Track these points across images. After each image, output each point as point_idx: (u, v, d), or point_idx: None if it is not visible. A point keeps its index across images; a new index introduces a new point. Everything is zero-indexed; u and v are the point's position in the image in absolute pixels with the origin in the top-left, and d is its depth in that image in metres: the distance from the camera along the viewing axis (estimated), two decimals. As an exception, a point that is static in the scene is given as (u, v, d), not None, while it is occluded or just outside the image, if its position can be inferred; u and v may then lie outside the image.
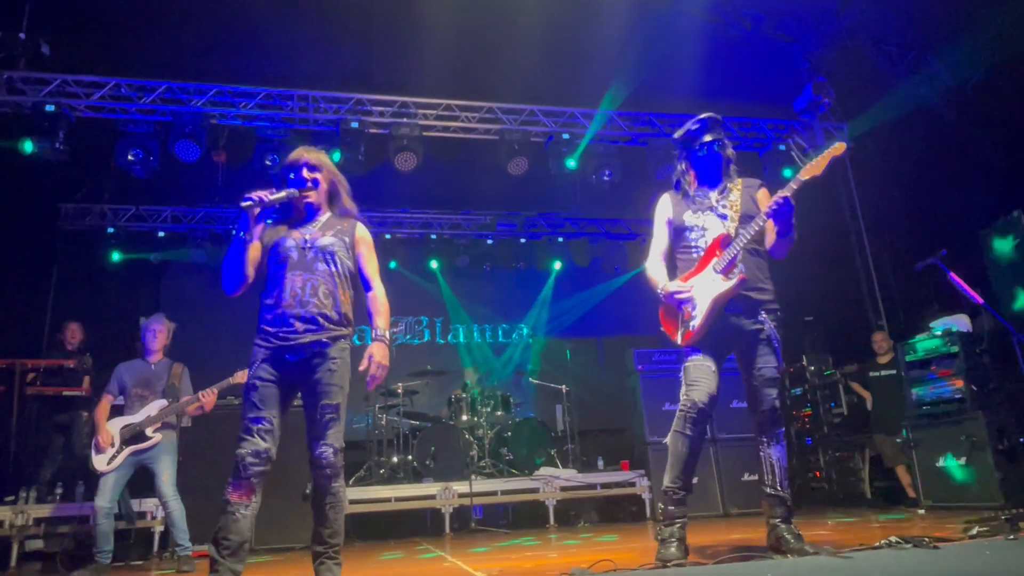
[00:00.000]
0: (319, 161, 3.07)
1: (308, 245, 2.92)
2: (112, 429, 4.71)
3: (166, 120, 7.13)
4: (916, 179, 7.07)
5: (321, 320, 2.80)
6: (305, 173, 3.02)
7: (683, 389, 3.13)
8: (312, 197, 3.00)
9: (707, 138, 3.29)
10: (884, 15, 7.26)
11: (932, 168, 7.21)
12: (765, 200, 3.28)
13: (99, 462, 4.64)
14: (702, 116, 3.33)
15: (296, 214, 3.03)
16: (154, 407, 4.80)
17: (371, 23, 7.33)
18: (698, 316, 3.08)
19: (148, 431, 4.72)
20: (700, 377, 3.09)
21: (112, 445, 4.66)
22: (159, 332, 5.04)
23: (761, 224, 3.10)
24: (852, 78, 8.00)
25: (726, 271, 3.09)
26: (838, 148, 3.15)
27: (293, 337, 2.77)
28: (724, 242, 3.15)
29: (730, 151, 3.36)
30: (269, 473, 2.73)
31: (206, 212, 9.23)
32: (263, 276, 2.93)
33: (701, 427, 3.08)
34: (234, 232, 2.89)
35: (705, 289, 3.09)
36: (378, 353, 2.93)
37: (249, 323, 2.90)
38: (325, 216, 3.05)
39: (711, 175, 3.33)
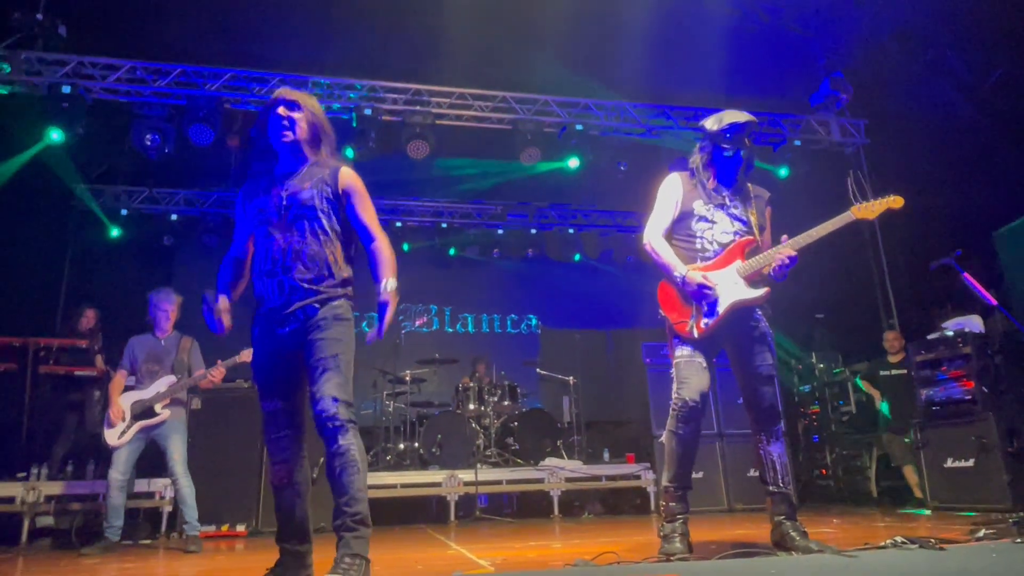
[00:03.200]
0: (297, 99, 2.73)
1: (287, 203, 2.64)
2: (123, 404, 4.78)
3: (181, 103, 7.15)
4: (932, 177, 6.99)
5: (306, 286, 2.57)
6: (281, 111, 2.68)
7: (674, 386, 3.12)
8: (287, 138, 2.68)
9: (738, 143, 3.22)
10: (904, 11, 7.17)
11: (948, 166, 7.14)
12: (768, 216, 3.36)
13: (110, 436, 4.72)
14: (743, 120, 3.23)
15: (280, 163, 2.76)
16: (163, 383, 4.85)
17: (386, 10, 7.31)
18: (715, 314, 3.07)
19: (157, 407, 4.77)
20: (691, 374, 3.07)
21: (123, 420, 4.71)
22: (172, 312, 5.07)
23: (801, 245, 3.08)
24: (870, 74, 7.92)
25: (751, 279, 3.09)
26: (896, 201, 3.17)
27: (280, 307, 2.57)
28: (750, 249, 3.15)
29: (752, 155, 3.32)
30: (300, 451, 2.64)
31: (219, 196, 9.28)
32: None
33: (694, 424, 3.07)
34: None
35: (727, 290, 3.08)
36: (388, 314, 2.57)
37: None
38: (307, 164, 2.73)
39: (729, 176, 3.30)
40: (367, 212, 2.72)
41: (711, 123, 3.29)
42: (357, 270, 2.77)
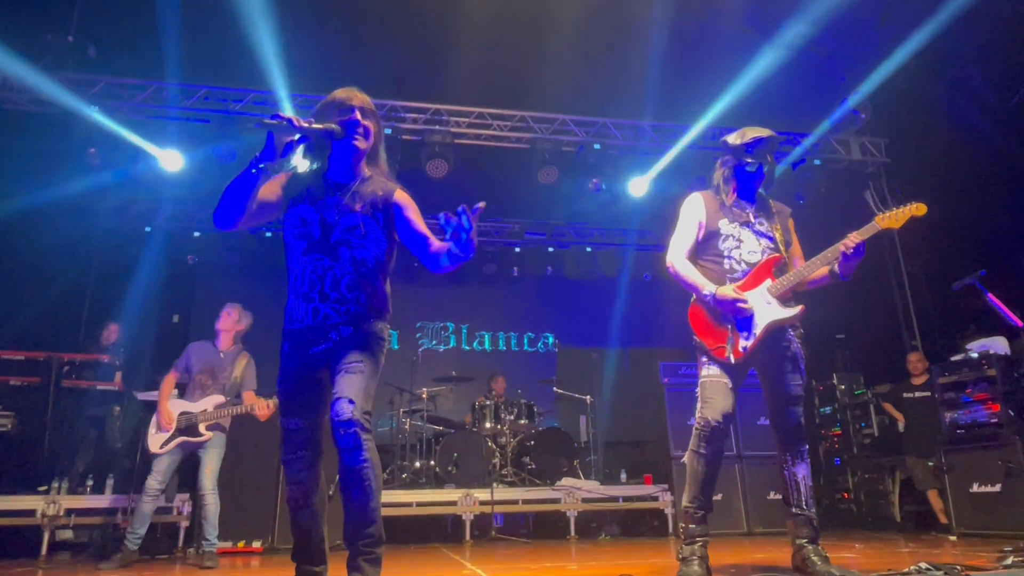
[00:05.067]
0: (372, 108, 2.61)
1: (335, 221, 2.51)
2: (173, 411, 4.82)
3: (205, 123, 7.29)
4: (954, 196, 6.91)
5: (344, 313, 2.47)
6: (358, 116, 2.55)
7: (698, 406, 3.09)
8: (360, 144, 2.55)
9: (760, 158, 3.22)
10: (924, 30, 7.14)
11: (972, 185, 7.06)
12: (792, 229, 3.32)
13: (153, 443, 4.75)
14: (765, 134, 3.23)
15: (330, 169, 2.60)
16: (211, 402, 4.88)
17: (406, 30, 7.42)
18: (752, 337, 3.02)
19: (201, 427, 4.80)
20: (715, 394, 3.03)
21: (169, 428, 4.76)
22: (224, 316, 5.10)
23: (830, 260, 3.05)
24: (890, 93, 7.87)
25: (783, 298, 3.06)
26: (919, 208, 3.10)
27: (315, 328, 2.48)
28: (778, 266, 3.12)
29: (774, 171, 3.32)
30: (317, 473, 2.57)
31: (240, 214, 9.39)
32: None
33: (716, 445, 3.02)
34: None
35: (761, 311, 3.04)
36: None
37: (281, 325, 2.83)
38: (358, 181, 2.60)
39: (750, 191, 3.29)
40: (422, 223, 2.60)
41: (733, 138, 3.28)
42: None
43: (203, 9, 6.93)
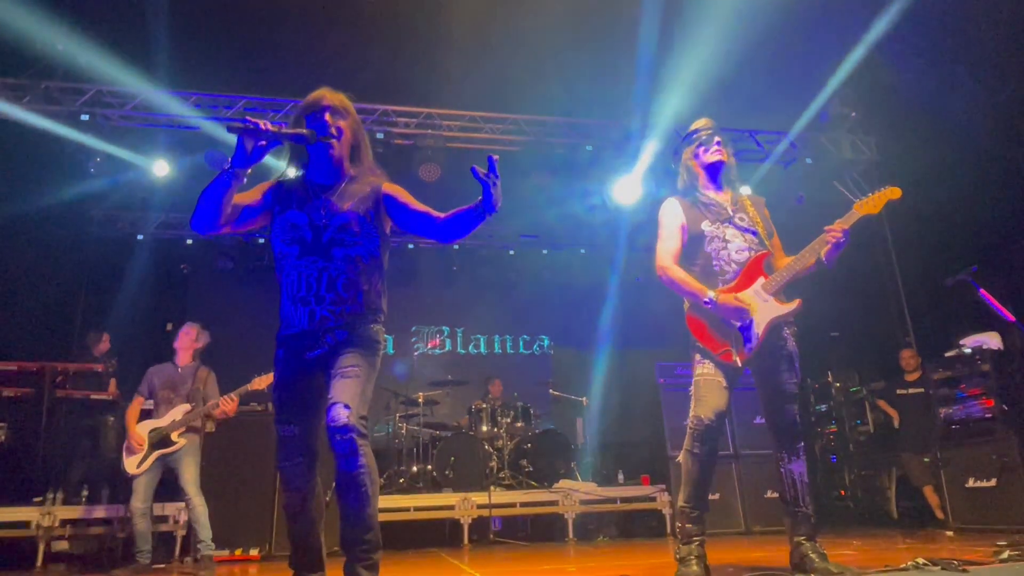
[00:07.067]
0: (344, 106, 2.59)
1: (324, 222, 2.48)
2: (141, 432, 4.82)
3: (196, 129, 7.27)
4: (946, 193, 6.95)
5: (338, 316, 2.45)
6: (328, 118, 2.52)
7: (691, 404, 3.08)
8: (335, 148, 2.53)
9: (716, 139, 3.27)
10: (914, 28, 7.19)
11: (963, 181, 7.09)
12: (769, 219, 3.32)
13: (129, 465, 4.77)
14: (706, 120, 3.31)
15: (313, 172, 2.58)
16: (178, 411, 4.90)
17: (397, 35, 7.43)
18: (755, 337, 3.02)
19: (173, 436, 4.81)
20: (708, 392, 3.02)
21: (142, 447, 4.76)
22: (182, 335, 5.18)
23: (818, 251, 3.04)
24: (880, 90, 7.91)
25: (777, 294, 3.07)
26: (894, 192, 3.10)
27: (310, 332, 2.45)
28: (767, 262, 3.12)
29: (731, 157, 3.35)
30: (314, 479, 2.53)
31: (233, 220, 9.37)
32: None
33: (710, 444, 3.01)
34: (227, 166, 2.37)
35: (760, 310, 3.03)
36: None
37: (274, 332, 2.81)
38: (345, 181, 2.58)
39: (715, 179, 3.31)
40: (418, 203, 2.59)
41: (686, 132, 3.38)
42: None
43: (194, 15, 6.93)
